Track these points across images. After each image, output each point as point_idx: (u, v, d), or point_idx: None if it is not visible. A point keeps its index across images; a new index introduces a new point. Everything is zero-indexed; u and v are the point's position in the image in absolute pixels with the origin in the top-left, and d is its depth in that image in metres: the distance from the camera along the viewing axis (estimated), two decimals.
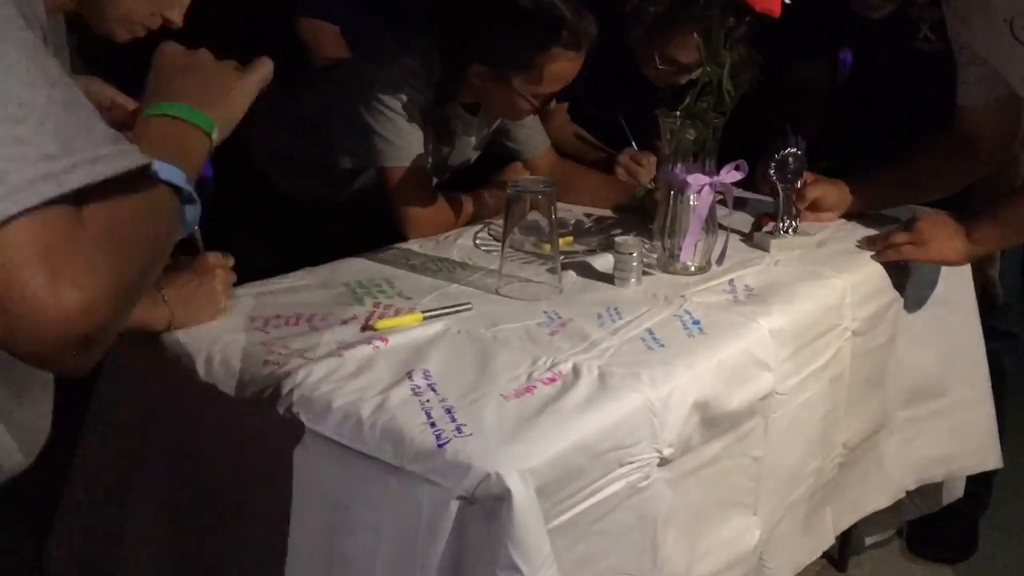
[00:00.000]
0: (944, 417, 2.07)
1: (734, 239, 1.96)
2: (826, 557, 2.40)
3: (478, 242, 1.93)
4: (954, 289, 2.05)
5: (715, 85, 1.64)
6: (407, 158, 1.92)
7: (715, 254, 1.81)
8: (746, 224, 2.04)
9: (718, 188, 1.77)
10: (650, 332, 1.53)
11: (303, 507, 1.29)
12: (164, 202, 0.91)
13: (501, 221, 1.73)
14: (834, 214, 2.08)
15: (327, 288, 1.67)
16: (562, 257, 1.82)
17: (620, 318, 1.59)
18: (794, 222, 1.94)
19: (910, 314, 1.98)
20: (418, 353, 1.43)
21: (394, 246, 1.90)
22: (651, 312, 1.61)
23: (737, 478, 1.59)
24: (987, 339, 2.23)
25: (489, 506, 1.16)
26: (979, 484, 2.37)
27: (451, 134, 2.04)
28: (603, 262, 1.80)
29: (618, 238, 1.76)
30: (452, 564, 1.18)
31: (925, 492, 2.22)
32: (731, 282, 1.75)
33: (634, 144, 2.24)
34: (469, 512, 1.18)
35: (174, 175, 0.91)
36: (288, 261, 1.79)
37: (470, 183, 2.15)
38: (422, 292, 1.67)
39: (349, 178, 2.07)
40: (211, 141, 1.04)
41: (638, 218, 2.08)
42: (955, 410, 2.08)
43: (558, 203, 2.16)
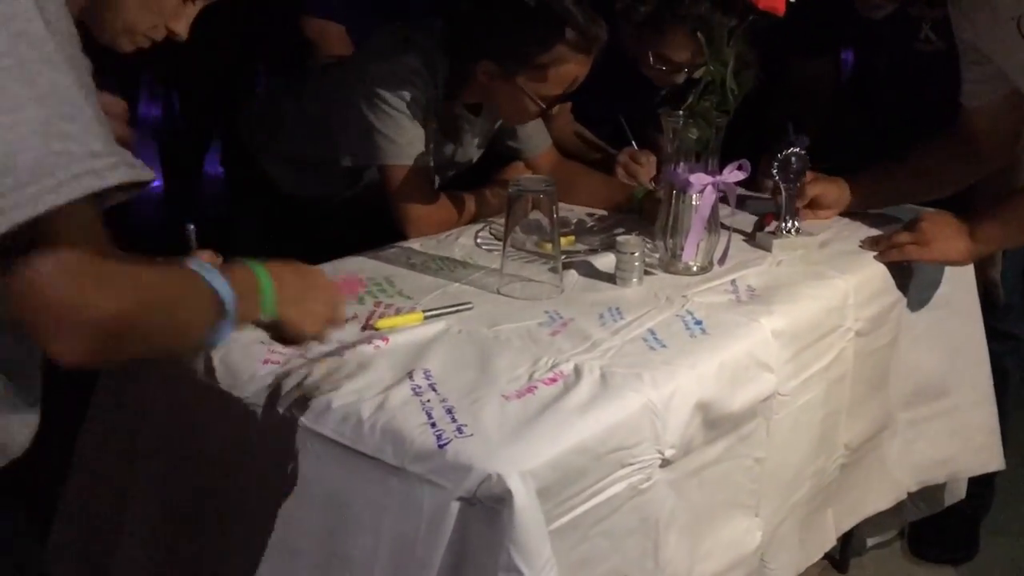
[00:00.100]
0: (946, 418, 2.06)
1: (736, 239, 1.95)
2: (827, 558, 2.39)
3: (479, 241, 1.92)
4: (957, 290, 2.04)
5: (718, 84, 1.63)
6: (409, 156, 1.92)
7: (717, 254, 1.81)
8: (749, 224, 2.03)
9: (721, 188, 1.77)
10: (652, 332, 1.53)
11: (303, 507, 1.28)
12: (199, 295, 1.04)
13: (502, 220, 1.72)
14: (833, 212, 2.07)
15: None
16: (564, 257, 1.81)
17: (622, 318, 1.58)
18: (796, 222, 1.93)
19: (913, 315, 1.98)
20: (419, 353, 1.43)
21: (395, 245, 1.89)
22: (653, 312, 1.60)
23: (739, 479, 1.58)
24: (989, 340, 2.22)
25: (490, 507, 1.16)
26: (981, 485, 2.36)
27: (455, 132, 2.03)
28: (605, 262, 1.79)
29: (620, 238, 1.75)
30: (453, 565, 1.18)
31: (927, 493, 2.21)
32: (733, 282, 1.74)
33: (634, 143, 2.23)
34: (470, 513, 1.17)
35: (222, 287, 1.04)
36: (287, 260, 1.78)
37: (472, 182, 2.14)
38: (423, 291, 1.66)
39: (351, 177, 2.07)
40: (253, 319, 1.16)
41: (639, 218, 2.07)
42: (957, 411, 2.08)
43: (559, 202, 2.18)
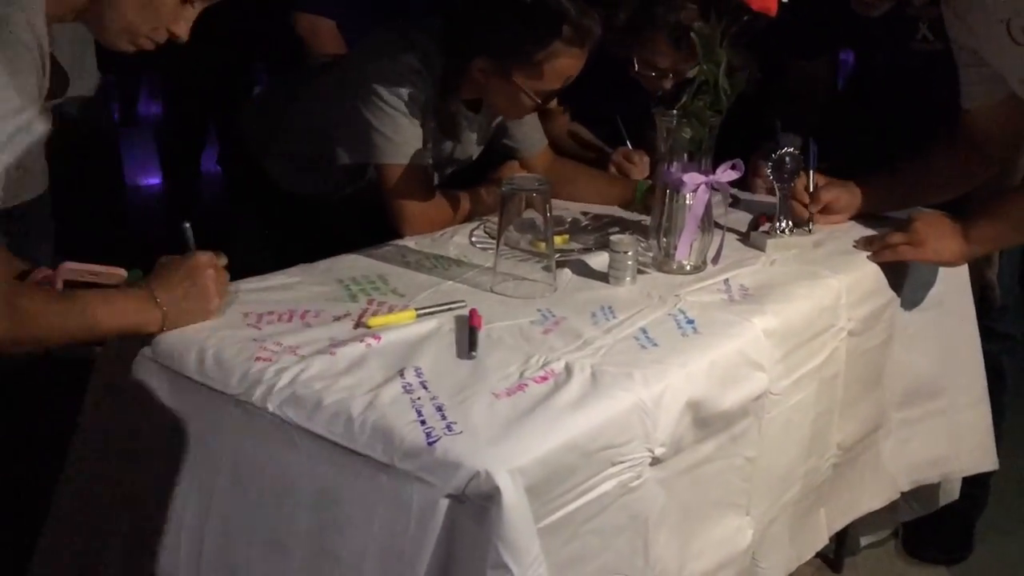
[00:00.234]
0: (940, 418, 2.07)
1: (731, 238, 1.96)
2: (821, 557, 2.40)
3: (474, 239, 1.93)
4: (951, 290, 2.04)
5: (711, 84, 1.64)
6: (405, 155, 1.92)
7: (711, 253, 1.81)
8: (743, 223, 2.03)
9: (714, 187, 1.77)
10: (644, 331, 1.53)
11: (293, 504, 1.29)
12: None
13: (497, 219, 1.72)
14: (845, 216, 2.07)
15: (321, 285, 1.66)
16: (557, 255, 1.81)
17: (614, 317, 1.58)
18: (790, 222, 1.93)
19: (907, 315, 1.98)
20: (410, 351, 1.43)
21: (390, 243, 1.90)
22: (645, 311, 1.60)
23: (730, 478, 1.59)
24: (985, 341, 2.23)
25: (478, 504, 1.16)
26: (976, 485, 2.37)
27: (454, 130, 2.03)
28: (598, 260, 1.79)
29: (613, 237, 1.75)
30: (441, 562, 1.18)
31: (921, 493, 2.21)
32: (726, 282, 1.74)
33: (628, 143, 2.24)
34: (459, 510, 1.17)
35: None
36: (287, 258, 1.79)
37: (469, 180, 2.15)
38: (416, 289, 1.67)
39: (350, 175, 2.07)
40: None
41: (635, 217, 2.08)
42: (951, 411, 2.08)
43: (555, 201, 2.18)
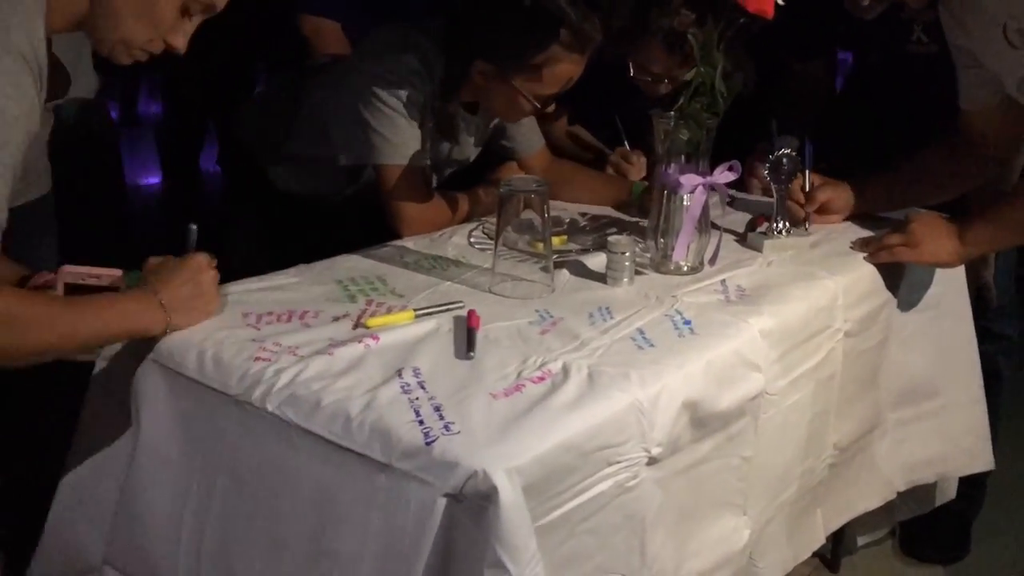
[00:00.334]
0: (936, 419, 2.07)
1: (728, 239, 1.97)
2: (819, 557, 2.40)
3: (472, 240, 1.94)
4: (947, 291, 2.05)
5: (708, 87, 1.64)
6: (404, 156, 1.93)
7: (708, 254, 1.82)
8: (741, 224, 2.04)
9: (713, 188, 1.78)
10: (640, 332, 1.54)
11: (292, 503, 1.30)
12: None
13: (495, 219, 1.73)
14: (840, 216, 2.08)
15: (320, 285, 1.67)
16: (555, 256, 1.82)
17: (611, 318, 1.59)
18: (787, 223, 1.94)
19: (903, 315, 1.99)
20: (409, 351, 1.44)
21: (388, 244, 1.90)
22: (642, 312, 1.61)
23: (727, 478, 1.60)
24: (982, 341, 2.23)
25: (476, 504, 1.17)
26: (972, 485, 2.37)
27: (452, 131, 2.04)
28: (596, 261, 1.80)
29: (611, 238, 1.76)
30: (440, 561, 1.19)
31: (917, 493, 2.22)
32: (723, 282, 1.75)
33: (626, 143, 2.25)
34: (456, 510, 1.18)
35: None
36: (287, 259, 1.80)
37: (468, 181, 2.16)
38: (415, 290, 1.68)
39: (349, 176, 2.08)
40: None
41: (633, 217, 2.09)
42: (947, 412, 2.08)
43: (553, 202, 2.19)
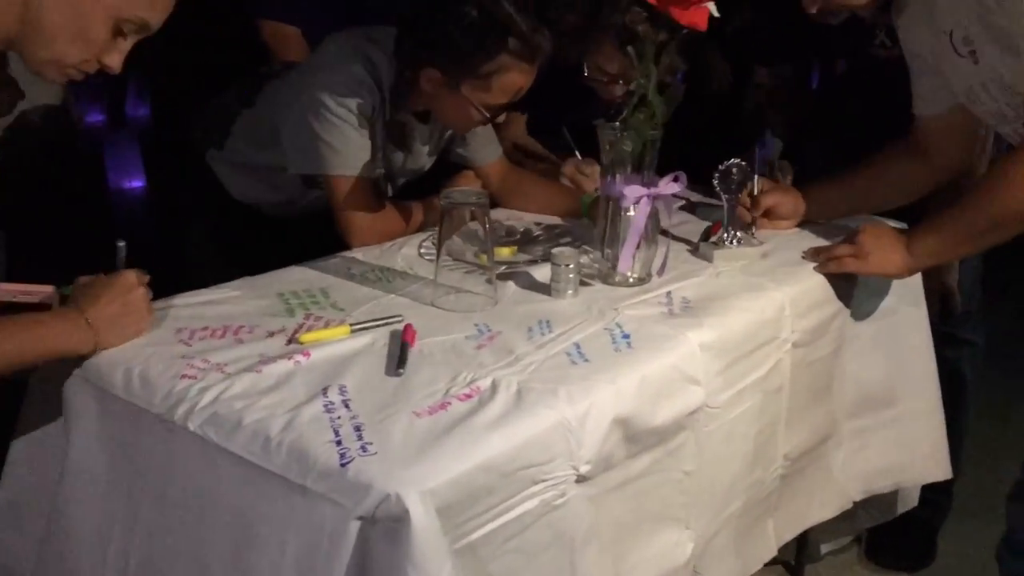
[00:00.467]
0: (893, 427, 2.06)
1: (681, 249, 1.96)
2: (782, 565, 2.40)
3: (423, 251, 1.92)
4: (904, 300, 2.03)
5: (649, 98, 1.63)
6: (352, 167, 1.92)
7: (656, 265, 1.81)
8: (697, 234, 2.03)
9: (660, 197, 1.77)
10: (577, 346, 1.53)
11: (213, 523, 1.29)
12: None
13: None
14: (791, 223, 2.07)
15: (260, 299, 1.66)
16: (504, 267, 1.82)
17: (550, 331, 1.58)
18: (739, 233, 1.93)
19: (857, 325, 1.97)
20: (339, 368, 1.43)
21: (338, 255, 1.89)
22: (582, 325, 1.60)
23: (668, 492, 1.59)
24: (947, 347, 2.22)
25: (389, 527, 1.16)
26: (938, 492, 2.36)
27: (404, 140, 2.03)
28: (543, 272, 1.78)
29: (555, 249, 1.75)
30: None
31: (879, 501, 2.21)
32: (668, 294, 1.74)
33: (578, 154, 2.24)
34: (370, 532, 1.17)
35: None
36: (241, 269, 1.79)
37: (424, 191, 2.15)
38: (356, 303, 1.67)
39: (302, 185, 2.07)
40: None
41: (588, 228, 2.07)
42: (904, 420, 2.07)
43: (508, 211, 2.18)
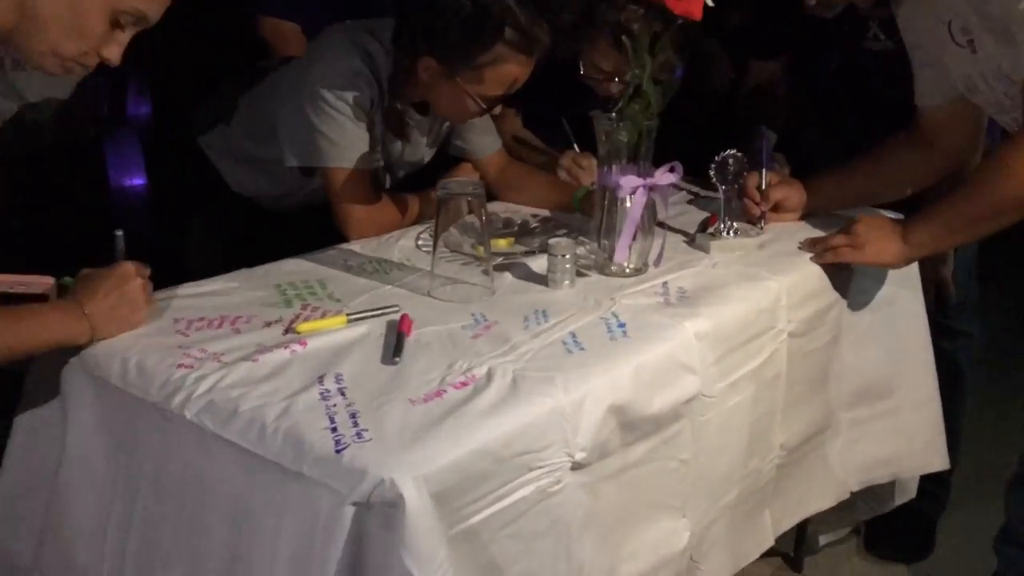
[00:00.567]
0: (890, 418, 2.06)
1: (678, 240, 1.96)
2: (781, 556, 2.40)
3: (420, 243, 1.93)
4: (900, 290, 2.04)
5: (644, 88, 1.64)
6: (350, 159, 1.93)
7: (652, 256, 1.81)
8: (694, 226, 2.03)
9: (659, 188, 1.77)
10: (572, 335, 1.53)
11: (210, 511, 1.30)
12: None
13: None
14: (795, 215, 2.07)
15: (258, 290, 1.67)
16: (501, 259, 1.82)
17: (546, 321, 1.59)
18: (735, 224, 1.93)
19: (854, 315, 1.98)
20: (335, 356, 1.44)
21: (335, 247, 1.90)
22: (578, 315, 1.60)
23: (664, 481, 1.59)
24: (942, 338, 2.23)
25: (384, 512, 1.17)
26: (937, 484, 2.37)
27: (403, 132, 2.04)
28: (540, 263, 1.79)
29: (551, 240, 1.75)
30: (349, 569, 1.19)
31: (877, 492, 2.21)
32: (665, 284, 1.74)
33: (576, 147, 2.24)
34: (365, 518, 1.18)
35: None
36: (241, 262, 1.80)
37: (423, 183, 2.15)
38: (353, 294, 1.67)
39: (300, 178, 2.08)
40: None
41: (585, 220, 2.08)
42: (902, 411, 2.07)
43: (506, 203, 2.19)
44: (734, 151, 1.94)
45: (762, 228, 1.99)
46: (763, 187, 2.02)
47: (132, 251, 1.55)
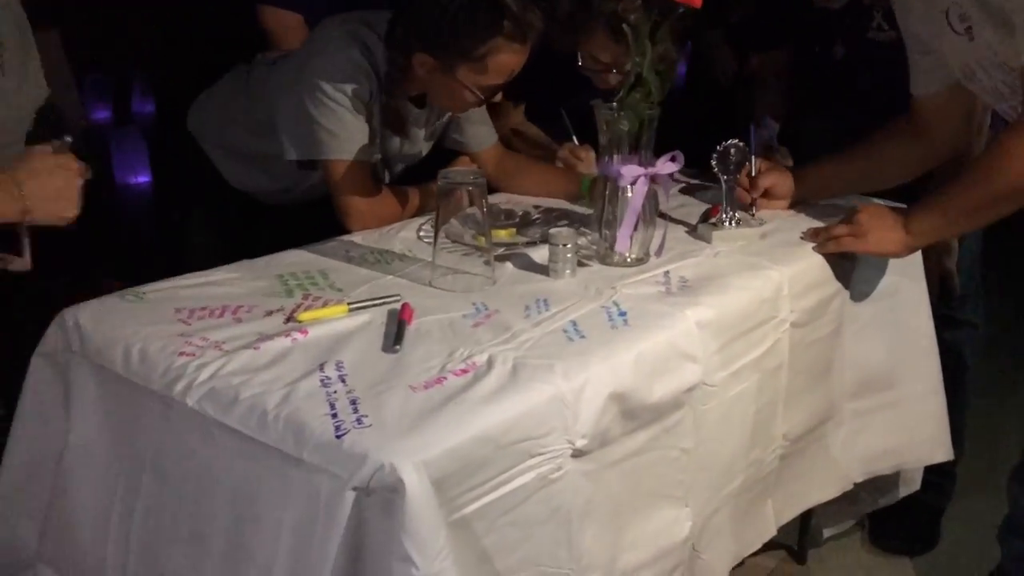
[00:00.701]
0: (893, 409, 2.06)
1: (680, 230, 1.96)
2: (785, 549, 2.40)
3: (421, 234, 1.93)
4: (904, 280, 2.03)
5: (644, 77, 1.64)
6: (349, 151, 1.93)
7: (654, 246, 1.81)
8: (696, 217, 2.03)
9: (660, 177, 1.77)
10: (573, 324, 1.53)
11: (212, 498, 1.30)
12: None
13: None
14: (784, 203, 2.07)
15: (259, 280, 1.67)
16: (502, 249, 1.82)
17: (547, 310, 1.59)
18: (737, 214, 1.93)
19: (858, 305, 1.97)
20: (336, 344, 1.44)
21: (336, 238, 1.90)
22: (579, 304, 1.60)
23: (665, 470, 1.59)
24: (947, 329, 2.22)
25: (384, 497, 1.17)
26: (942, 475, 2.36)
27: (400, 126, 2.04)
28: (541, 254, 1.79)
29: (552, 230, 1.75)
30: (350, 554, 1.19)
31: (881, 484, 2.21)
32: (666, 274, 1.74)
33: (575, 138, 2.24)
34: (366, 503, 1.18)
35: None
36: (241, 256, 1.80)
37: (421, 176, 2.15)
38: (355, 284, 1.67)
39: (299, 172, 2.08)
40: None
41: (585, 210, 2.08)
42: (905, 402, 2.07)
43: (507, 195, 2.19)
44: (736, 141, 1.93)
45: (753, 215, 1.99)
46: (752, 174, 2.02)
47: (136, 246, 1.55)
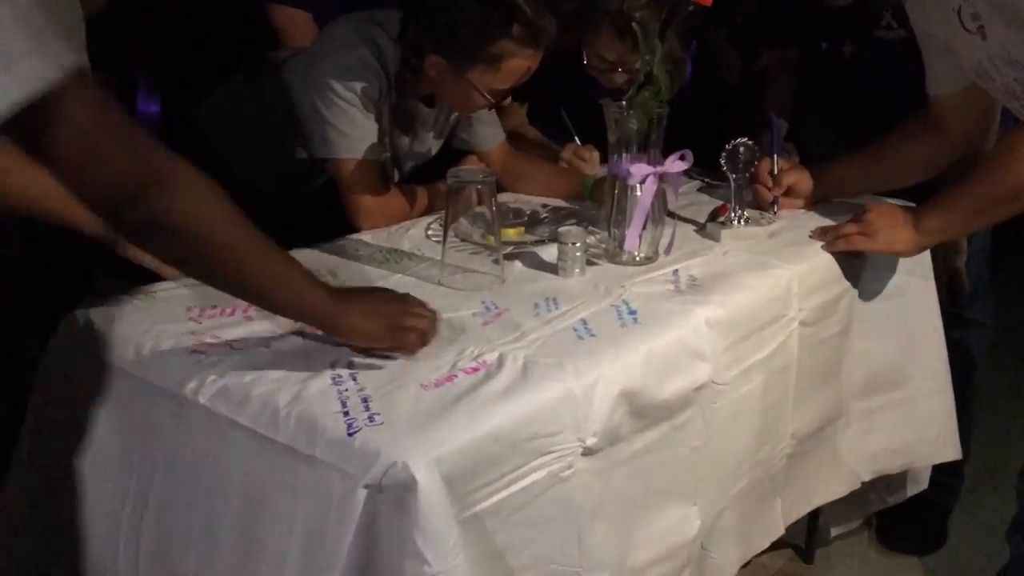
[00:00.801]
0: (902, 408, 2.06)
1: (688, 229, 1.97)
2: (793, 548, 2.40)
3: (430, 233, 1.93)
4: (913, 279, 2.03)
5: (654, 75, 1.64)
6: (359, 150, 1.93)
7: (663, 244, 1.81)
8: (705, 215, 2.03)
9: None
10: (583, 322, 1.54)
11: (225, 496, 1.30)
12: None
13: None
14: (803, 201, 2.07)
15: None
16: (511, 248, 1.83)
17: (557, 308, 1.59)
18: (745, 212, 1.94)
19: (866, 304, 1.97)
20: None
21: (346, 237, 1.91)
22: (588, 302, 1.61)
23: (675, 468, 1.59)
24: (955, 328, 2.22)
25: (396, 494, 1.17)
26: (949, 475, 2.36)
27: (410, 125, 2.04)
28: (550, 253, 1.79)
29: (562, 228, 1.76)
30: (362, 551, 1.19)
31: (889, 483, 2.21)
32: (676, 272, 1.75)
33: (577, 139, 2.24)
34: (378, 500, 1.18)
35: None
36: None
37: (430, 176, 2.16)
38: (364, 283, 1.67)
39: (310, 170, 2.08)
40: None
41: (595, 209, 2.08)
42: (914, 401, 2.07)
43: (516, 194, 2.19)
44: (745, 139, 1.93)
45: (775, 213, 1.99)
46: (775, 172, 2.02)
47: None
